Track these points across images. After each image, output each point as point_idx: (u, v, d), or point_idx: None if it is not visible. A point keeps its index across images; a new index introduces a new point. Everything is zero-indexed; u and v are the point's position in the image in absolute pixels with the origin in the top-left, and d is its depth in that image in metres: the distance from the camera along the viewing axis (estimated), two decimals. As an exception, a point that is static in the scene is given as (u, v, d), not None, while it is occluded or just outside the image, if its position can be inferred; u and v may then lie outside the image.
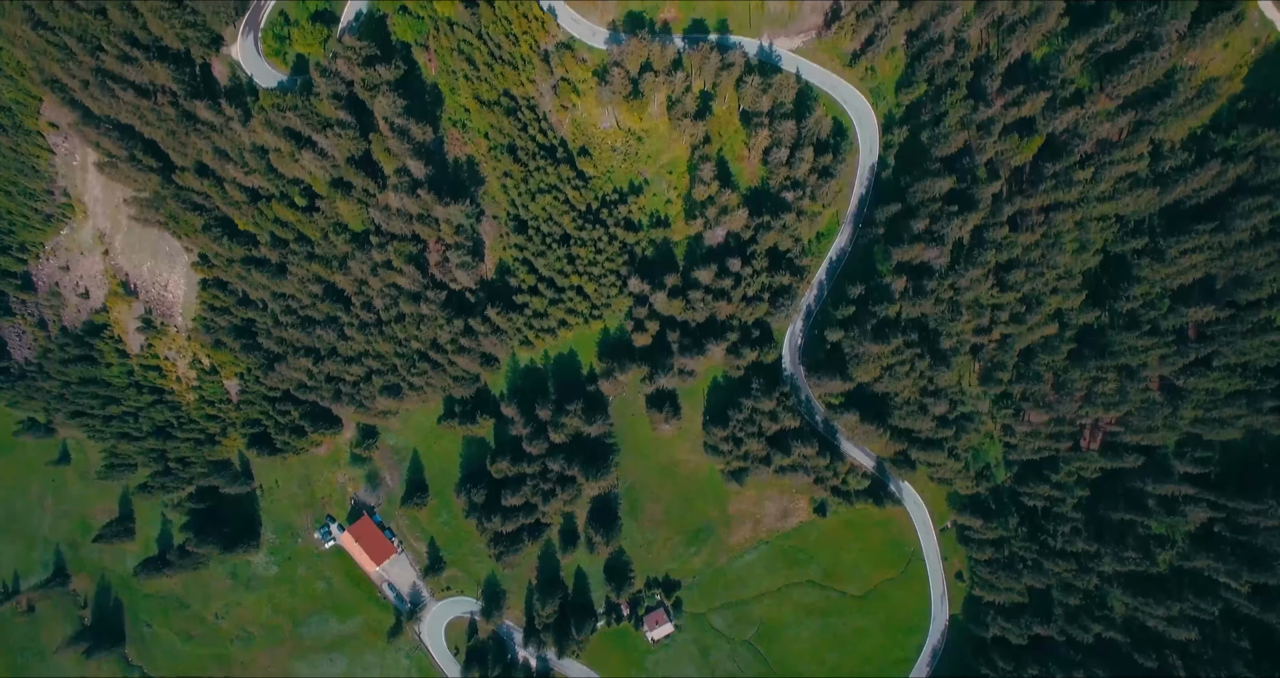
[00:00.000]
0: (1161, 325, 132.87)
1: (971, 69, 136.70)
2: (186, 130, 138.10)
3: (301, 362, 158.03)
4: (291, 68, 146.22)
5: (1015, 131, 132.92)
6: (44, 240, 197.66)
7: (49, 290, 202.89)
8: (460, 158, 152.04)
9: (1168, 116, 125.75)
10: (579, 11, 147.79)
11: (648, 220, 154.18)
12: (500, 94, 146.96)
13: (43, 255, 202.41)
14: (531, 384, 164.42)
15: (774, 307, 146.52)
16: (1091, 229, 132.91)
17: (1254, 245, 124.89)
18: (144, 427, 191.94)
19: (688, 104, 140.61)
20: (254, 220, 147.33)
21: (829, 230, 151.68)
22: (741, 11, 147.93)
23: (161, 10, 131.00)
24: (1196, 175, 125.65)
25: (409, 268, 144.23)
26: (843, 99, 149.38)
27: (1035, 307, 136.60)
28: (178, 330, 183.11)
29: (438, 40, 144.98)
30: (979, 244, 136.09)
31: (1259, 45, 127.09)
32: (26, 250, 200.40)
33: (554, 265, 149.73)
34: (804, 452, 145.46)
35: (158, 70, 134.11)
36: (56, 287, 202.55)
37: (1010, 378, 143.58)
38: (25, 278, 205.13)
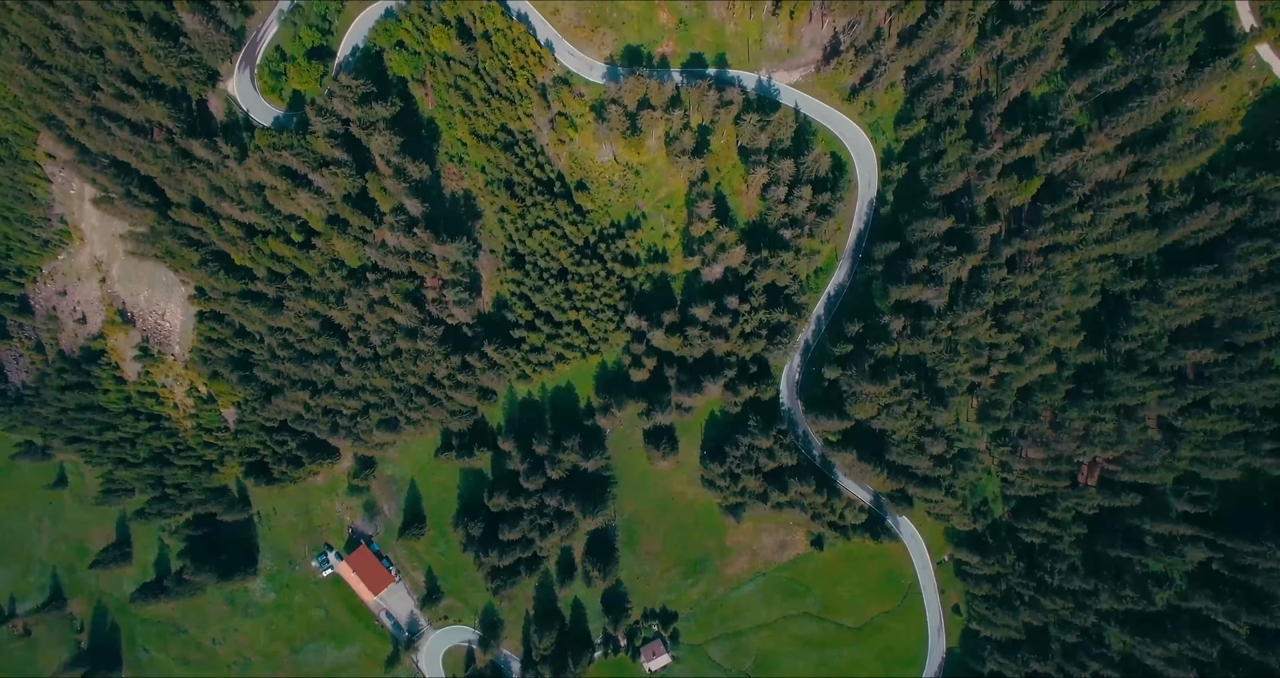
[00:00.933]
0: (1160, 366, 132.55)
1: (971, 107, 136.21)
2: (182, 168, 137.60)
3: (299, 395, 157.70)
4: (288, 103, 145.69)
5: (1014, 172, 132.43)
6: (41, 264, 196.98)
7: (46, 314, 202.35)
8: (457, 192, 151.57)
9: (1166, 159, 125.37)
10: (576, 45, 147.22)
11: (645, 254, 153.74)
12: (497, 129, 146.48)
13: (40, 279, 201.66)
14: (529, 417, 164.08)
15: (771, 343, 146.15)
16: (1090, 270, 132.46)
17: (1253, 288, 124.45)
18: (141, 453, 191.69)
19: (685, 141, 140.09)
20: (250, 256, 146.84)
21: (827, 265, 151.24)
22: (740, 46, 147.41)
23: (157, 50, 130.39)
24: (1195, 218, 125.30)
25: (406, 305, 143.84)
26: (841, 133, 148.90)
27: (1033, 347, 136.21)
28: (174, 359, 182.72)
29: (434, 75, 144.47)
30: (977, 285, 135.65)
31: (1256, 88, 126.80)
32: (24, 274, 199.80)
33: (551, 301, 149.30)
34: (801, 490, 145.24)
35: (154, 108, 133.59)
36: (53, 311, 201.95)
37: (1008, 416, 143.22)
38: (22, 301, 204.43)
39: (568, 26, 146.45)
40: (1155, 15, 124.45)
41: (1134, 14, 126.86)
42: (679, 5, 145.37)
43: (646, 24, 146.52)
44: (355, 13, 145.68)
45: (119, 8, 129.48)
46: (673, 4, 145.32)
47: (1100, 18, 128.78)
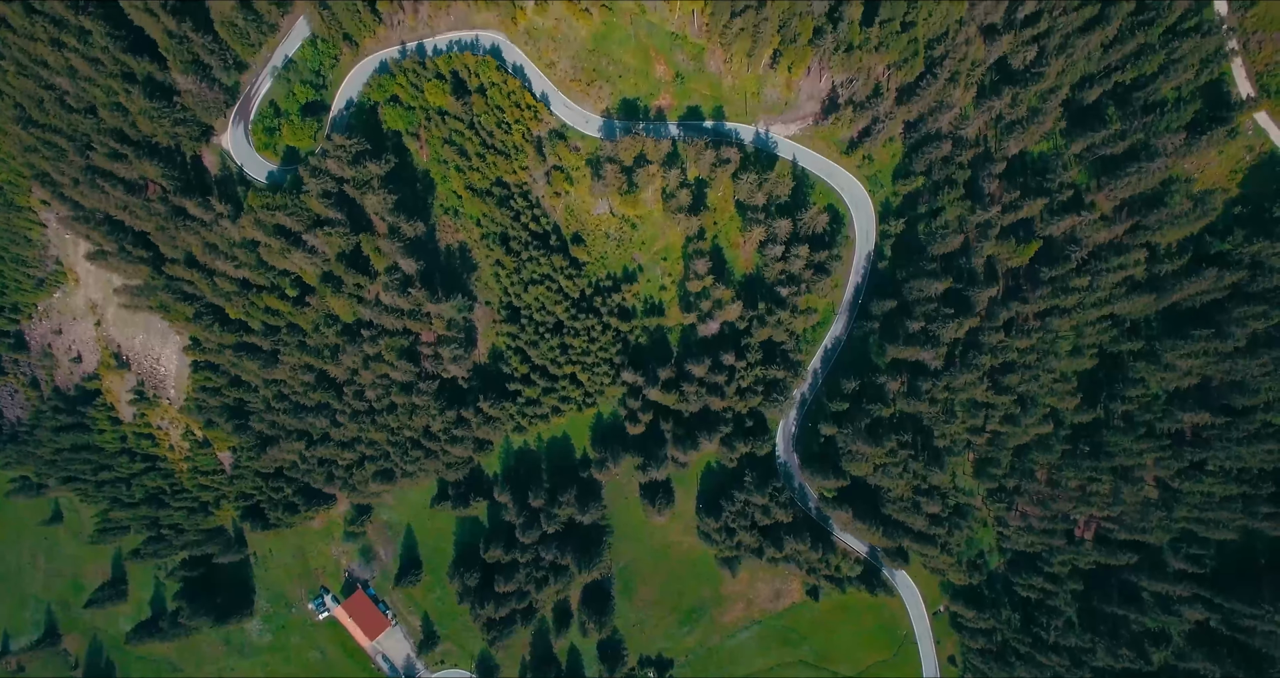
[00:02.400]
0: (1157, 428, 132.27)
1: (969, 166, 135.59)
2: (176, 225, 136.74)
3: (294, 445, 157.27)
4: (282, 158, 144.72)
5: (1012, 235, 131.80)
6: (36, 302, 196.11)
7: (41, 351, 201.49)
8: (452, 245, 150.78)
9: (1164, 225, 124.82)
10: (572, 98, 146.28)
11: (641, 307, 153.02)
12: (492, 183, 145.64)
13: (35, 316, 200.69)
14: (525, 466, 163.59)
15: (767, 400, 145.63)
16: (1088, 333, 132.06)
17: (1250, 354, 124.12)
18: (137, 494, 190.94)
19: (682, 198, 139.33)
20: (245, 310, 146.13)
21: (824, 319, 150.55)
22: (738, 99, 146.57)
23: (151, 111, 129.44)
24: (1193, 282, 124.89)
25: (401, 362, 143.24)
26: (839, 186, 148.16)
27: (1030, 408, 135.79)
28: (170, 403, 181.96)
29: (429, 130, 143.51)
30: (974, 346, 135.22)
31: (1254, 152, 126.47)
32: (19, 311, 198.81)
33: (547, 355, 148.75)
34: (797, 547, 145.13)
35: (147, 167, 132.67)
36: (49, 348, 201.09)
37: (1004, 473, 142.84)
38: (17, 337, 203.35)
39: (564, 79, 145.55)
40: (1154, 80, 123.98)
41: (1131, 78, 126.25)
42: (676, 59, 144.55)
43: (643, 77, 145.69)
44: (349, 66, 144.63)
45: (113, 70, 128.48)
46: (669, 57, 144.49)
47: (1099, 79, 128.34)
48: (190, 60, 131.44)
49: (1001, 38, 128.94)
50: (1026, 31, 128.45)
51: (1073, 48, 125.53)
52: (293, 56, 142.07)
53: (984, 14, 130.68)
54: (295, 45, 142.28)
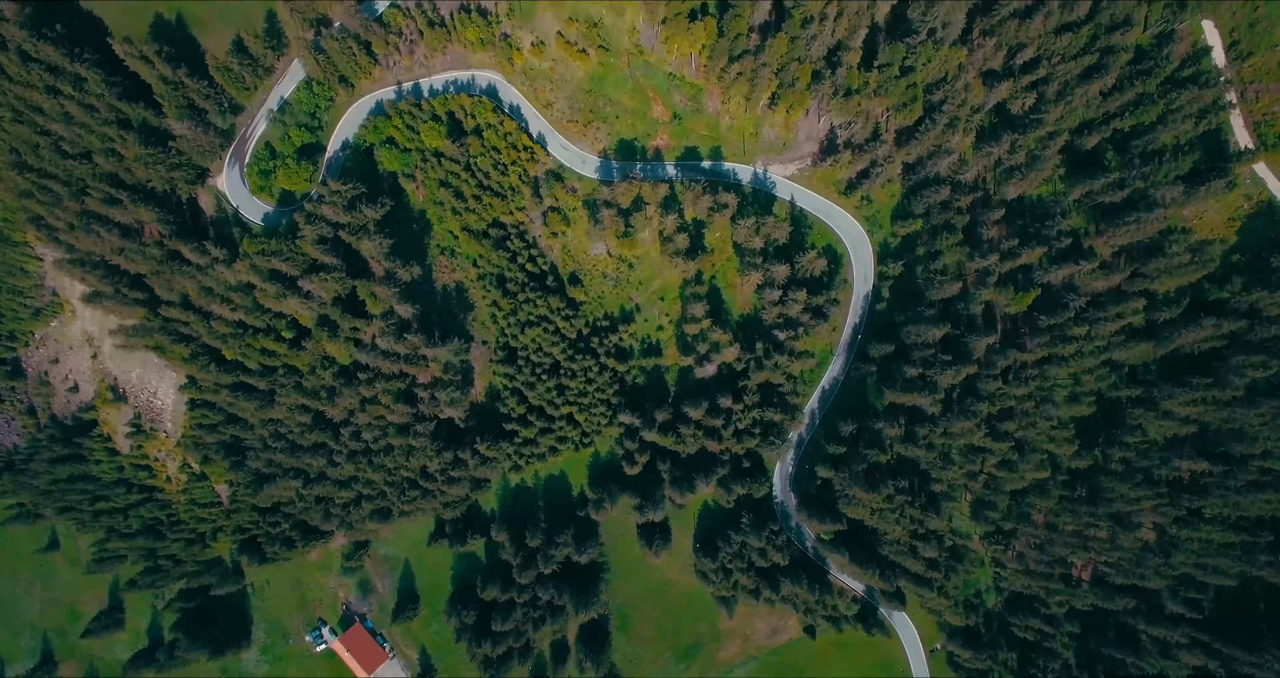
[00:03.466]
0: (1155, 475, 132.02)
1: (968, 212, 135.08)
2: (171, 269, 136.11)
3: (291, 483, 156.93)
4: (278, 199, 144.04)
5: (1011, 282, 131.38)
6: (32, 330, 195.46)
7: (38, 379, 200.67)
8: (449, 285, 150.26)
9: (1162, 274, 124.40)
10: (569, 139, 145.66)
11: (639, 347, 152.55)
12: (489, 224, 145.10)
13: (32, 344, 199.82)
14: (522, 503, 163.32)
15: (765, 442, 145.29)
16: (1086, 380, 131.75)
17: (1249, 404, 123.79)
18: (134, 524, 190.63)
19: (679, 242, 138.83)
20: (241, 351, 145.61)
21: (822, 359, 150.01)
22: (735, 139, 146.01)
23: (145, 158, 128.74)
24: (1191, 331, 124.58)
25: (398, 405, 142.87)
26: (838, 226, 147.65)
27: (1028, 454, 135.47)
28: (167, 436, 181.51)
29: (425, 172, 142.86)
30: (972, 393, 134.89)
31: (1251, 201, 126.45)
32: (15, 339, 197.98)
33: (544, 396, 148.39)
34: (793, 589, 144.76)
35: (143, 212, 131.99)
36: (45, 376, 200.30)
37: (1001, 516, 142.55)
38: (14, 364, 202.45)
39: (560, 120, 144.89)
40: (1152, 129, 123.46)
41: (1130, 126, 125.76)
42: (673, 99, 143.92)
43: (640, 118, 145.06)
44: (345, 107, 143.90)
45: (108, 116, 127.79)
46: (667, 98, 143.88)
47: (1098, 126, 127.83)
48: (185, 105, 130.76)
49: (1001, 84, 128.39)
50: (1025, 78, 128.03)
51: (1071, 95, 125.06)
52: (288, 98, 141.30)
53: (983, 60, 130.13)
54: (290, 87, 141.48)
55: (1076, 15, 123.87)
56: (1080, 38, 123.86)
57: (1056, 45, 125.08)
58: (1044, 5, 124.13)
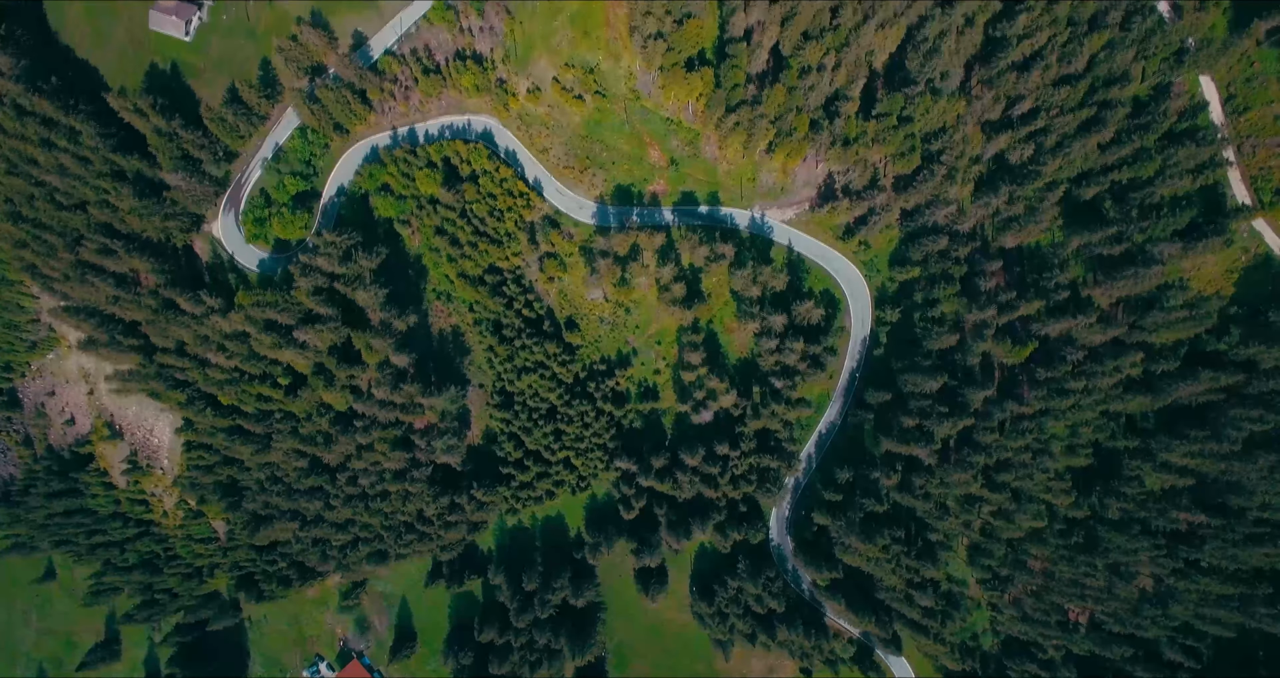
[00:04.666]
0: (1152, 526, 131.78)
1: (965, 262, 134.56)
2: (167, 318, 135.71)
3: (288, 525, 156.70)
4: (273, 245, 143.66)
5: (1009, 335, 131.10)
6: (29, 361, 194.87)
7: (34, 410, 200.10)
8: (445, 329, 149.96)
9: (1160, 328, 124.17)
10: (566, 184, 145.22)
11: (635, 390, 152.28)
12: (484, 270, 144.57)
13: (28, 375, 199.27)
14: (519, 543, 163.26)
15: (761, 488, 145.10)
16: (1083, 432, 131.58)
17: (1247, 458, 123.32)
18: (130, 558, 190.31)
19: (676, 292, 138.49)
20: (237, 397, 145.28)
21: (819, 403, 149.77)
22: (733, 184, 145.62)
23: (140, 210, 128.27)
24: (1189, 384, 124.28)
25: (394, 453, 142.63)
26: (835, 270, 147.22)
27: (1024, 505, 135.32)
28: (163, 473, 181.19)
29: (420, 218, 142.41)
30: (969, 444, 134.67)
31: (1249, 253, 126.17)
32: (11, 370, 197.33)
33: (540, 441, 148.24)
34: (790, 636, 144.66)
35: (138, 262, 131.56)
36: (42, 408, 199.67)
37: (997, 563, 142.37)
38: (11, 395, 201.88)
39: (557, 165, 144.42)
40: (1150, 183, 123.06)
41: (1128, 178, 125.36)
42: (670, 145, 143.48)
43: (637, 163, 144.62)
44: (340, 152, 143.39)
45: (102, 169, 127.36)
46: (664, 143, 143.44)
47: (1096, 177, 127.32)
48: (179, 156, 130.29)
49: (999, 136, 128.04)
50: (1024, 128, 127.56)
51: (1069, 148, 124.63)
52: (283, 145, 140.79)
53: (981, 111, 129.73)
54: (285, 133, 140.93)
55: (1074, 68, 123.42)
56: (1078, 91, 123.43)
57: (1055, 98, 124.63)
58: (1042, 58, 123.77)
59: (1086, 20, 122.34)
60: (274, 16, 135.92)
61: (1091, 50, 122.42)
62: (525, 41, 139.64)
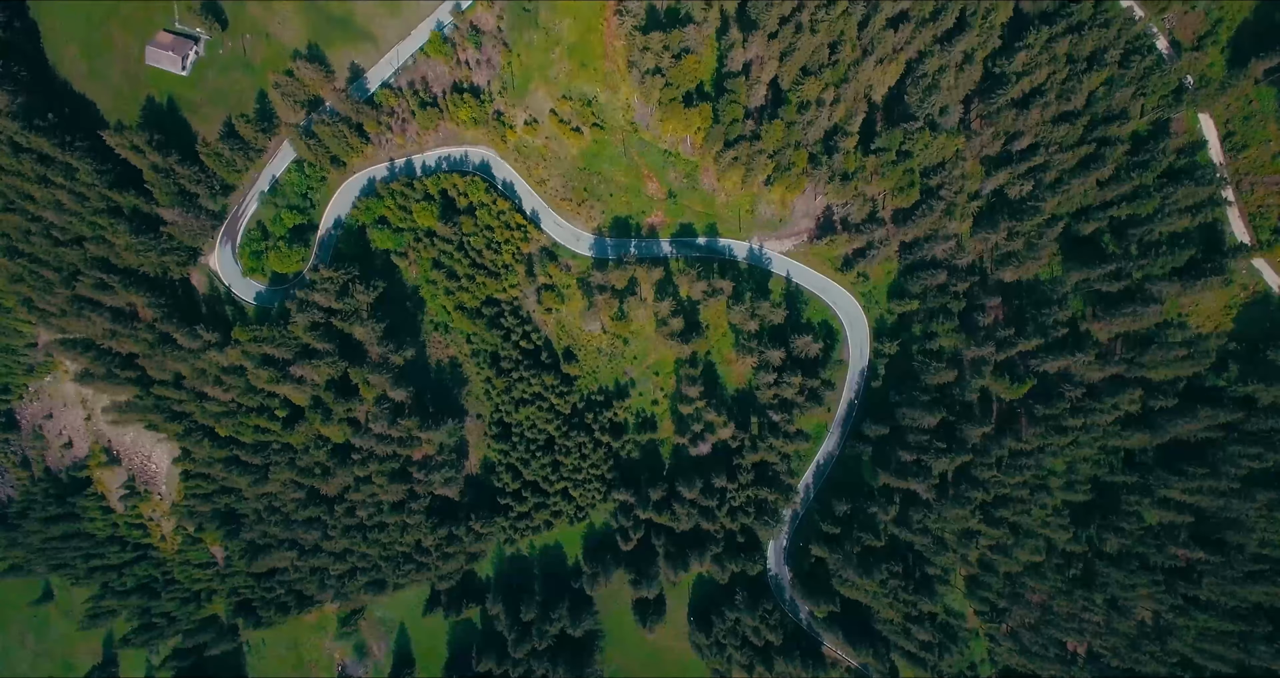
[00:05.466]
0: (1151, 561, 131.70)
1: (964, 297, 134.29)
2: (163, 352, 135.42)
3: (285, 554, 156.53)
4: (270, 278, 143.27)
5: (1007, 372, 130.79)
6: (27, 383, 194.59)
7: (32, 432, 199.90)
8: (443, 360, 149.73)
9: (1158, 365, 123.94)
10: (563, 216, 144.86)
11: (633, 421, 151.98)
12: (482, 302, 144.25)
13: (26, 396, 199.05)
14: (518, 571, 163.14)
15: (759, 520, 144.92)
16: (1082, 469, 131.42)
17: (1246, 496, 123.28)
18: (128, 582, 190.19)
19: (674, 325, 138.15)
20: (234, 429, 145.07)
21: (817, 433, 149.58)
22: (731, 216, 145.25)
23: (136, 246, 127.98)
24: (1187, 422, 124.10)
25: (392, 485, 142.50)
26: (833, 301, 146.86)
27: (1022, 540, 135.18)
28: (161, 498, 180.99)
29: (417, 251, 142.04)
30: (966, 480, 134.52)
31: (1248, 290, 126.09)
32: (9, 391, 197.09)
33: (538, 472, 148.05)
34: (787, 669, 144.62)
35: (134, 296, 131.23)
36: (40, 430, 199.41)
37: (995, 595, 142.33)
38: (8, 416, 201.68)
39: (554, 197, 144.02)
40: (1149, 221, 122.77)
41: (1127, 214, 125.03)
42: (668, 176, 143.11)
43: (635, 195, 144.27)
44: (337, 184, 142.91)
45: (98, 205, 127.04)
46: (662, 175, 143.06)
47: (1096, 213, 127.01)
48: (176, 192, 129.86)
49: (998, 172, 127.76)
50: (1023, 164, 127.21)
51: (1068, 184, 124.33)
52: (279, 178, 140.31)
53: (980, 146, 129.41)
54: (282, 166, 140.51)
55: (1074, 105, 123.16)
56: (1077, 128, 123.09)
57: (1054, 134, 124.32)
58: (1041, 95, 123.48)
59: (1085, 58, 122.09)
60: (271, 50, 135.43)
61: (1090, 88, 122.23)
62: (523, 73, 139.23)
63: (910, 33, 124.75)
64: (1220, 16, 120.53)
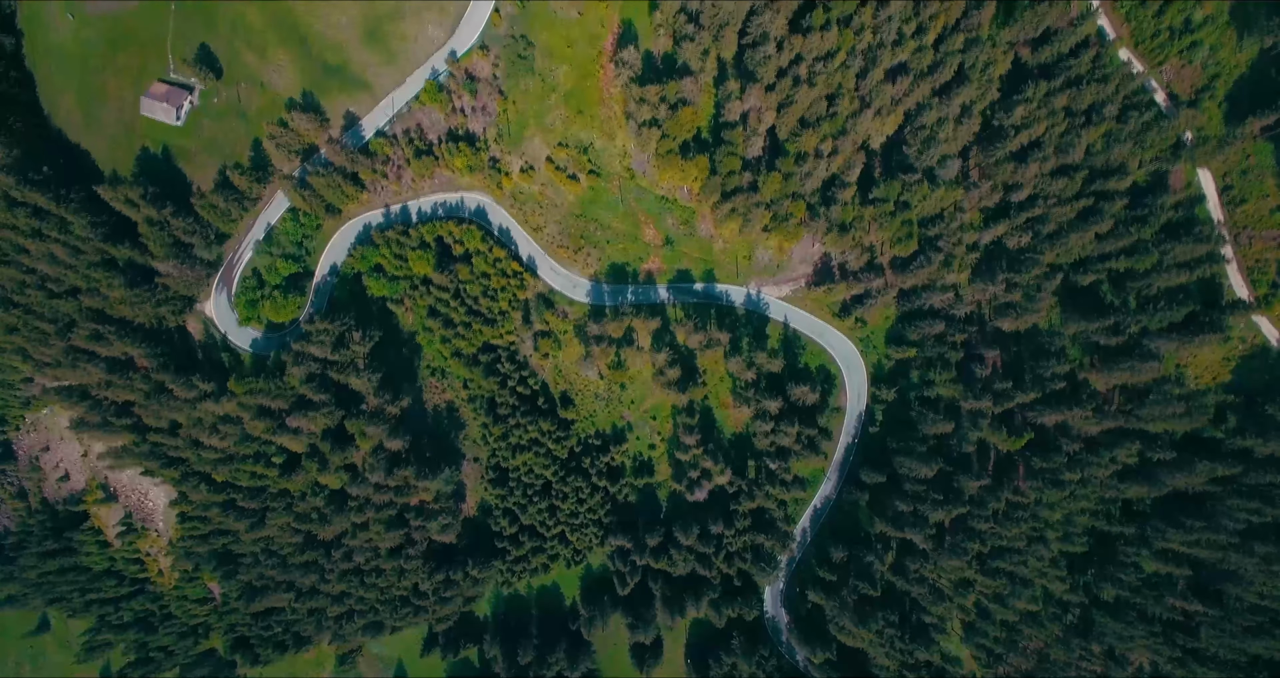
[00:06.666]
0: (1149, 612, 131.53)
1: (962, 348, 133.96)
2: (159, 402, 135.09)
3: (283, 596, 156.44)
4: (266, 325, 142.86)
5: (1004, 424, 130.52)
6: (24, 415, 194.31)
7: (29, 463, 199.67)
8: (440, 405, 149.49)
9: (1156, 419, 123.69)
10: (560, 262, 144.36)
11: (631, 464, 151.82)
12: (478, 349, 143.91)
13: (23, 428, 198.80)
14: (515, 611, 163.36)
15: (755, 566, 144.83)
16: (1079, 521, 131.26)
17: (1244, 551, 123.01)
18: (125, 616, 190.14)
19: (671, 376, 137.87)
20: (231, 475, 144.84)
21: (814, 478, 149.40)
22: (728, 261, 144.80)
23: (131, 298, 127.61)
24: (1185, 475, 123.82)
25: (389, 533, 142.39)
26: (831, 346, 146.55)
27: (1019, 589, 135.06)
28: (158, 535, 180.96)
29: (413, 298, 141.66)
30: (963, 530, 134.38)
31: (1246, 343, 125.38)
32: (6, 423, 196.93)
33: (535, 517, 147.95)
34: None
35: (129, 347, 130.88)
36: (36, 461, 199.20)
37: (991, 642, 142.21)
38: (5, 447, 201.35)
39: (551, 244, 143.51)
40: (1148, 275, 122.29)
41: (1125, 267, 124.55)
42: (665, 223, 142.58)
43: (632, 241, 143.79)
44: (333, 230, 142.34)
45: (93, 258, 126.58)
46: (659, 222, 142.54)
47: (1094, 265, 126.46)
48: (171, 243, 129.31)
49: (996, 225, 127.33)
50: (1022, 215, 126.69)
51: (1066, 238, 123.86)
52: (275, 225, 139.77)
53: (978, 198, 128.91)
54: (277, 213, 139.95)
55: (1072, 159, 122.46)
56: (1075, 182, 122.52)
57: (1052, 187, 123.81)
58: (1040, 149, 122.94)
59: (1084, 111, 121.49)
60: (266, 98, 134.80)
61: (1089, 141, 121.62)
62: (518, 120, 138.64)
63: (908, 85, 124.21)
64: (1217, 71, 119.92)
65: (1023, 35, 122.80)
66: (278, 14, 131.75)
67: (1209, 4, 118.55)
